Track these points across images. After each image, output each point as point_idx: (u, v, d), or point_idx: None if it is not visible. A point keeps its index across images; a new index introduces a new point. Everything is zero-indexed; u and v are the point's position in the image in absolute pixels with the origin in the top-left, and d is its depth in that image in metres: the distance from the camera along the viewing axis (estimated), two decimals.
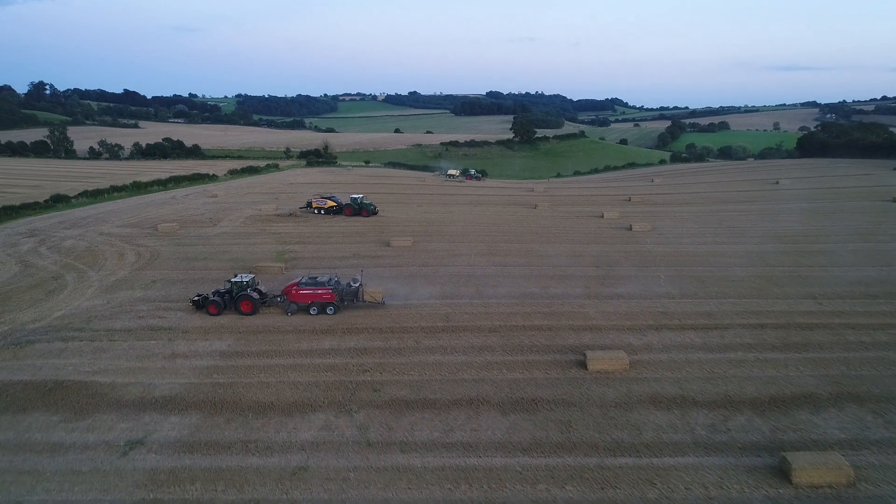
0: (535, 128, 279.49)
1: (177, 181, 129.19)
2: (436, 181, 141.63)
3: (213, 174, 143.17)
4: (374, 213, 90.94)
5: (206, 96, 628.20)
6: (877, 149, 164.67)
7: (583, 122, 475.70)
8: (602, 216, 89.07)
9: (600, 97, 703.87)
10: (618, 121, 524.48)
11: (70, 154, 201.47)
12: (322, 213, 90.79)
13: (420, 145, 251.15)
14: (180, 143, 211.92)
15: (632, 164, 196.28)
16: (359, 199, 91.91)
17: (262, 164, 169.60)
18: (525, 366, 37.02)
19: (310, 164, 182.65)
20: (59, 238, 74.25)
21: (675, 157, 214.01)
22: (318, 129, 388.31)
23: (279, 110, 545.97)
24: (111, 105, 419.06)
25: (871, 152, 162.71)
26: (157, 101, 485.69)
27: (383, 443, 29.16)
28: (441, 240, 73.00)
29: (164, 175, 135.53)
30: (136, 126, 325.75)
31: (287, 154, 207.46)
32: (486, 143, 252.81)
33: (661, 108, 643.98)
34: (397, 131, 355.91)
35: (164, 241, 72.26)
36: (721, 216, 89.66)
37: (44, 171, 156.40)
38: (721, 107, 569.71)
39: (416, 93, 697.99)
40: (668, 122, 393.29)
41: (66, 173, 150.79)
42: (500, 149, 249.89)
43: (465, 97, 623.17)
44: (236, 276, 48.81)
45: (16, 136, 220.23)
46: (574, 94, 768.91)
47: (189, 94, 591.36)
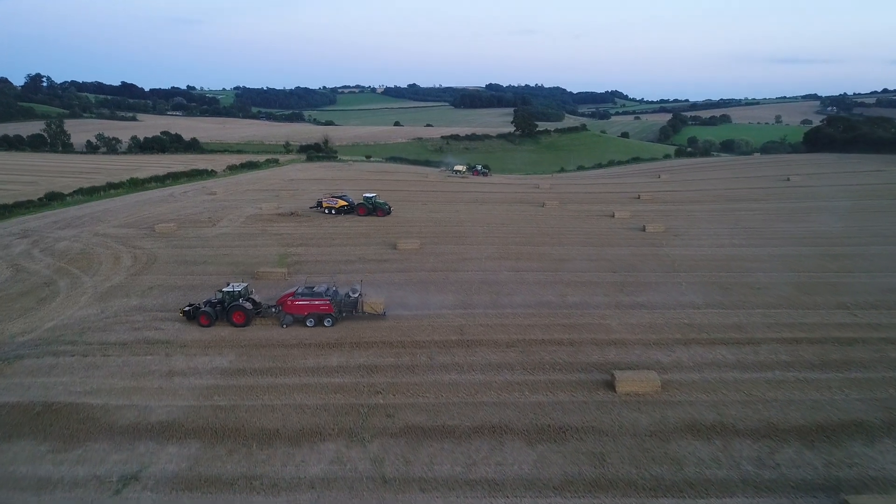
0: (536, 121, 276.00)
1: (175, 177, 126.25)
2: (439, 177, 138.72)
3: (212, 170, 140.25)
4: (389, 212, 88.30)
5: (205, 89, 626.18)
6: (885, 144, 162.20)
7: (583, 115, 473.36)
8: (613, 216, 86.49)
9: (600, 90, 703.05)
10: (618, 113, 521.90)
11: (67, 148, 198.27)
12: (333, 212, 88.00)
13: (421, 139, 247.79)
14: (178, 137, 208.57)
15: (636, 159, 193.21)
16: (372, 199, 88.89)
17: (262, 158, 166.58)
18: (548, 386, 34.53)
19: (310, 158, 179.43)
20: (52, 239, 71.55)
21: (680, 152, 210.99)
22: (317, 122, 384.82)
23: (278, 103, 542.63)
24: (109, 98, 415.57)
25: (879, 147, 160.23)
26: (155, 93, 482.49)
27: (401, 479, 26.69)
28: (449, 242, 70.32)
29: (161, 171, 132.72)
30: (133, 119, 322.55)
31: (286, 148, 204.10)
32: (487, 137, 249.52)
33: (662, 101, 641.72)
34: (397, 124, 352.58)
35: (161, 243, 69.59)
36: (735, 216, 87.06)
37: (40, 165, 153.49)
38: (721, 99, 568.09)
39: (415, 85, 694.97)
40: (669, 115, 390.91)
41: (62, 168, 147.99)
42: (501, 142, 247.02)
43: (465, 90, 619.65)
44: (228, 284, 46.34)
45: (12, 129, 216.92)
46: (574, 87, 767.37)
47: (187, 86, 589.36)
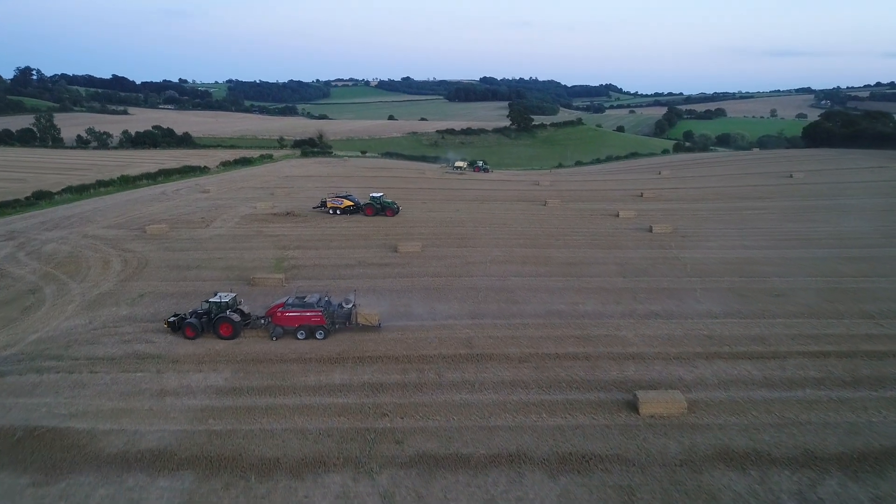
0: (531, 115, 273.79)
1: (166, 174, 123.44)
2: (437, 174, 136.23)
3: (205, 166, 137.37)
4: (398, 212, 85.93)
5: (197, 82, 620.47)
6: (886, 139, 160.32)
7: (578, 109, 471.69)
8: (617, 215, 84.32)
9: (595, 83, 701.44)
10: (613, 107, 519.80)
11: (57, 142, 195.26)
12: (338, 213, 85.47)
13: (416, 133, 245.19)
14: (171, 132, 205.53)
15: (634, 154, 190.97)
16: (379, 198, 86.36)
17: (256, 154, 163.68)
18: (567, 408, 32.37)
19: (304, 154, 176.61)
20: (39, 242, 68.97)
21: (679, 147, 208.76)
22: (311, 116, 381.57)
23: (271, 96, 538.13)
24: (100, 91, 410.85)
25: (880, 143, 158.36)
26: (147, 86, 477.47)
27: None
28: (451, 244, 68.00)
29: (153, 167, 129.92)
30: (125, 112, 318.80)
31: (280, 143, 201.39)
32: (483, 132, 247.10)
33: (656, 94, 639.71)
34: (391, 118, 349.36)
35: (152, 246, 67.08)
36: (742, 215, 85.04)
37: (29, 161, 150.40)
38: (715, 93, 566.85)
39: (409, 78, 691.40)
40: (664, 109, 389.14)
41: (51, 164, 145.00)
42: (497, 137, 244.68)
43: (459, 83, 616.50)
44: (215, 294, 44.03)
45: (1, 123, 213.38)
46: (568, 80, 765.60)
47: (179, 79, 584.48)
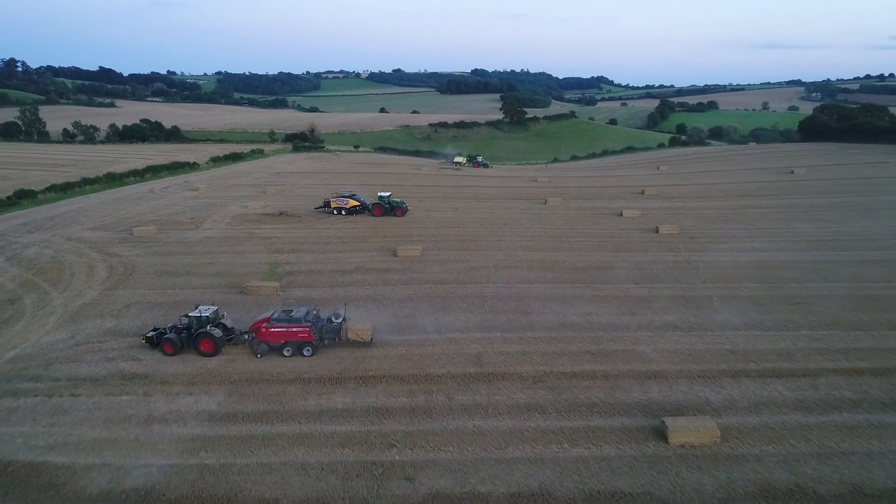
0: (524, 107, 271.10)
1: (154, 171, 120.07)
2: (432, 169, 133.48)
3: (194, 162, 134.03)
4: (407, 210, 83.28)
5: (186, 74, 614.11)
6: (883, 133, 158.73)
7: (570, 101, 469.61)
8: (621, 214, 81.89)
9: (586, 75, 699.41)
10: (604, 99, 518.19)
11: (42, 136, 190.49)
12: (343, 213, 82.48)
13: (408, 126, 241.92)
14: (159, 125, 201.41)
15: (630, 148, 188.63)
16: (387, 198, 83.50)
17: (246, 149, 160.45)
18: (589, 436, 29.90)
19: (296, 148, 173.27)
20: (20, 245, 65.82)
21: (674, 141, 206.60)
22: (301, 109, 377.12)
23: (261, 88, 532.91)
24: (86, 83, 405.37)
25: (877, 137, 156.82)
26: (135, 78, 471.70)
27: None
28: (452, 247, 65.37)
29: (140, 163, 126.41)
30: (112, 105, 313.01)
31: (271, 137, 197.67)
32: (475, 125, 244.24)
33: (647, 87, 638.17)
34: (383, 111, 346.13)
35: (140, 249, 64.10)
36: (747, 214, 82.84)
37: (12, 157, 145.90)
38: (706, 85, 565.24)
39: (400, 70, 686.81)
40: (656, 101, 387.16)
41: (35, 160, 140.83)
42: (490, 130, 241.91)
43: (451, 75, 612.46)
44: (196, 308, 41.38)
45: None
46: (560, 72, 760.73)
47: (167, 71, 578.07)
